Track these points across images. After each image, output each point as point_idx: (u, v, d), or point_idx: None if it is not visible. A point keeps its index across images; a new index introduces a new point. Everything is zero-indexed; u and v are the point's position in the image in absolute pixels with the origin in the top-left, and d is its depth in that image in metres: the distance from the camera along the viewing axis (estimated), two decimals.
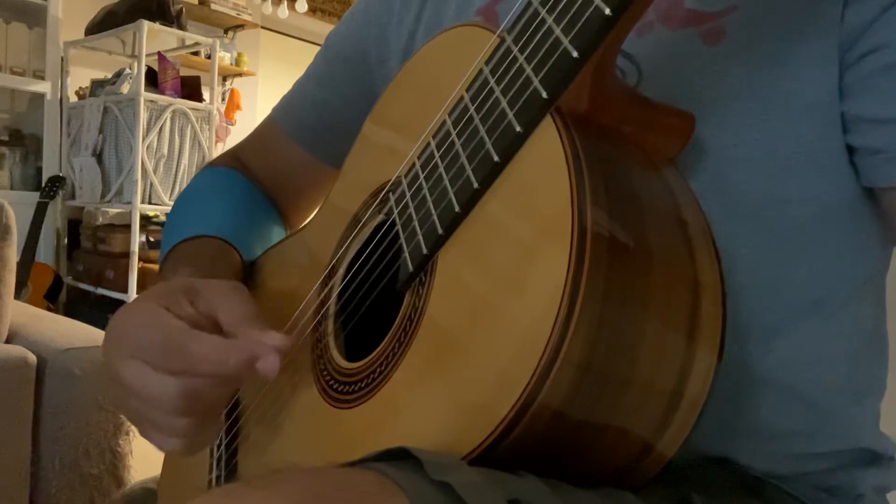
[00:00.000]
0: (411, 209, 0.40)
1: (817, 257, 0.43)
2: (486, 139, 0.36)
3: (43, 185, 3.02)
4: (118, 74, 3.08)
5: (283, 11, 4.23)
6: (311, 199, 0.74)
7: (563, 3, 0.33)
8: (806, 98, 0.40)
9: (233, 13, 4.17)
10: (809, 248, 0.43)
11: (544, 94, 0.33)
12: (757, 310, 0.43)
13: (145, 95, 2.84)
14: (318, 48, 0.71)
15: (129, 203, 2.87)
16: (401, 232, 0.41)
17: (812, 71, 0.40)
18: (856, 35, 0.39)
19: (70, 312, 2.98)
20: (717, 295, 0.33)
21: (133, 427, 1.17)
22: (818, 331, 0.45)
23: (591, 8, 0.31)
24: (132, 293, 2.89)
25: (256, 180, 0.72)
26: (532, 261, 0.31)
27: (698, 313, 0.32)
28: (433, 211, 0.38)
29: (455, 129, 0.39)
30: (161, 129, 2.91)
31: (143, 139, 2.83)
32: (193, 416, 0.40)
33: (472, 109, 0.38)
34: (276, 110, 0.72)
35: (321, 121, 0.68)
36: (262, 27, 4.52)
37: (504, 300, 0.32)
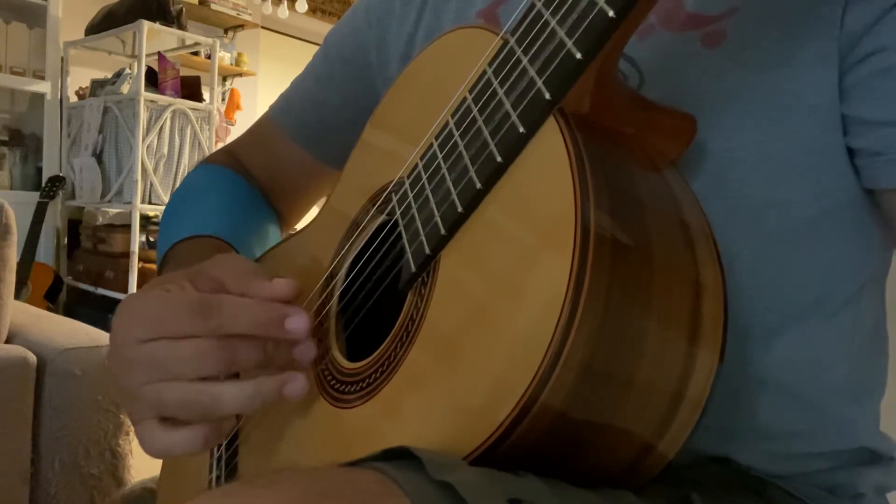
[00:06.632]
0: (414, 209, 0.40)
1: (818, 258, 0.44)
2: (490, 140, 0.36)
3: (43, 185, 3.01)
4: (118, 74, 3.08)
5: (283, 11, 4.23)
6: (309, 199, 0.74)
7: (566, 6, 0.33)
8: (806, 100, 0.40)
9: (233, 13, 4.17)
10: (810, 249, 0.43)
11: (547, 96, 0.33)
12: (757, 310, 0.43)
13: (145, 95, 2.83)
14: (318, 48, 0.70)
15: (129, 203, 2.87)
16: (403, 232, 0.41)
17: (812, 73, 0.40)
18: (856, 37, 0.39)
19: (70, 312, 2.98)
20: (718, 296, 0.33)
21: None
22: (818, 331, 0.45)
23: (595, 10, 0.31)
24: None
25: (253, 179, 0.71)
26: (535, 261, 0.31)
27: (700, 315, 0.32)
28: (436, 211, 0.38)
29: (458, 129, 0.39)
30: (161, 129, 2.90)
31: (143, 139, 2.83)
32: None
33: (475, 110, 0.38)
34: (273, 109, 0.71)
35: (320, 120, 0.67)
36: (262, 27, 4.52)
37: (506, 301, 0.32)
